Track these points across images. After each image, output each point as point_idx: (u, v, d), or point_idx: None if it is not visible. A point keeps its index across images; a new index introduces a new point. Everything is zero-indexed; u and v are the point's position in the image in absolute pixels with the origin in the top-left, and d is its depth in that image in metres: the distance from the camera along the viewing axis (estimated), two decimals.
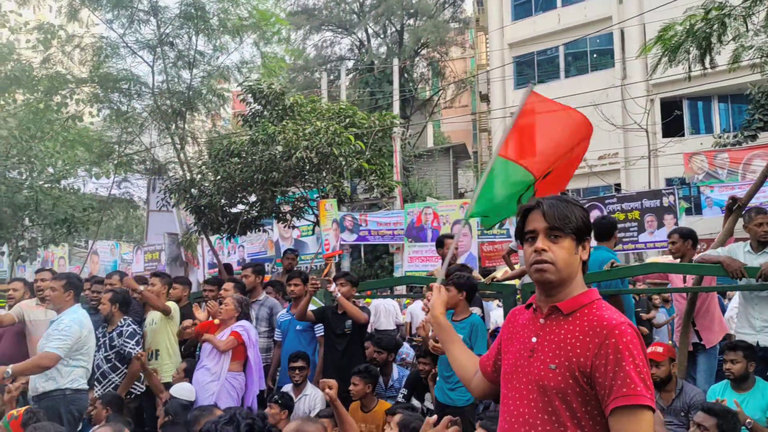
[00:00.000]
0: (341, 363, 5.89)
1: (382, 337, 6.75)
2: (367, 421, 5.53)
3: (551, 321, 2.11)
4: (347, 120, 7.94)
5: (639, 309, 8.18)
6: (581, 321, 2.04)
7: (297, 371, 5.86)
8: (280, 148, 7.06)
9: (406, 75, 24.33)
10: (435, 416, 2.31)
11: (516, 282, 6.63)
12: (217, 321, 5.78)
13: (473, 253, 15.52)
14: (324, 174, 7.69)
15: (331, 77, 24.93)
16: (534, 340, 2.13)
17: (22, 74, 10.10)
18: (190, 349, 6.57)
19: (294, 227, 9.96)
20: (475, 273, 7.45)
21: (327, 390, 3.46)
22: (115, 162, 11.74)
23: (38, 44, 11.06)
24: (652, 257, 6.12)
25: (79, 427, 5.17)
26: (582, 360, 1.96)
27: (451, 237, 8.16)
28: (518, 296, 6.32)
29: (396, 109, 21.98)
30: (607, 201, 14.26)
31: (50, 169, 11.52)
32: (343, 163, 7.33)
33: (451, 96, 26.90)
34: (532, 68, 23.24)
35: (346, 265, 21.00)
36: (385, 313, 9.93)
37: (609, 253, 5.75)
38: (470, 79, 26.41)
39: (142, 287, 6.49)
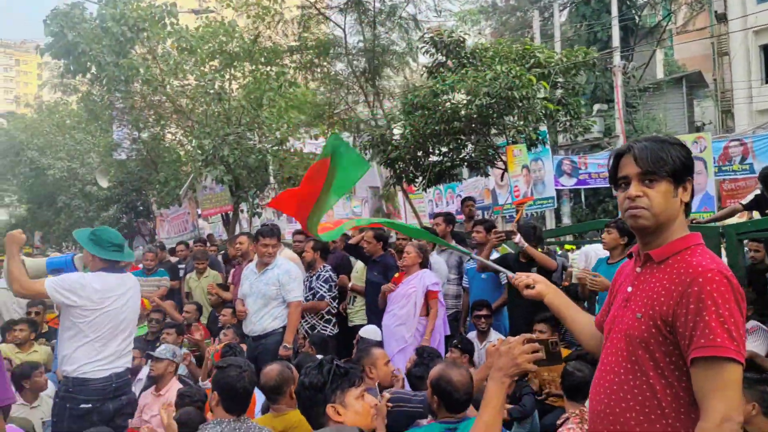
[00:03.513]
0: (527, 311, 5.83)
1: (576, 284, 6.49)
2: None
3: (646, 270, 2.04)
4: (532, 60, 7.62)
5: None
6: (671, 268, 1.94)
7: (483, 319, 5.94)
8: (459, 96, 7.02)
9: (628, 2, 22.35)
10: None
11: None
12: (397, 275, 6.06)
13: (710, 192, 14.06)
14: (508, 119, 7.51)
15: (545, 14, 23.80)
16: (629, 289, 2.07)
17: (241, 49, 11.25)
18: None
19: (487, 175, 9.90)
20: None
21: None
22: (326, 123, 12.64)
23: (256, 20, 12.24)
24: None
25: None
26: (665, 309, 1.88)
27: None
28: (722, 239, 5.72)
29: (616, 40, 20.36)
30: None
31: (277, 134, 12.71)
32: (526, 105, 7.08)
33: (683, 20, 24.19)
34: None
35: (566, 210, 20.34)
36: (595, 257, 9.53)
37: None
38: None
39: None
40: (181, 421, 3.84)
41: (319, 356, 5.54)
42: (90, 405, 4.05)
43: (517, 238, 5.86)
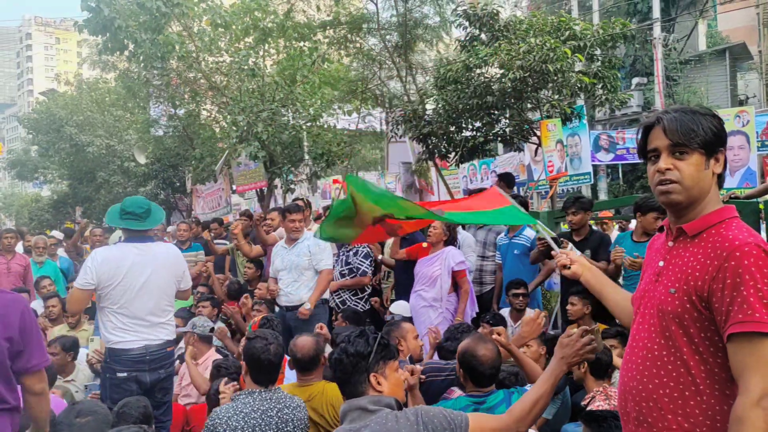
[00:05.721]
0: (565, 288, 5.79)
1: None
2: None
3: (678, 244, 1.99)
4: (567, 33, 7.47)
5: None
6: (706, 242, 1.89)
7: (520, 298, 5.89)
8: (492, 70, 6.94)
9: None
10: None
11: None
12: (425, 244, 6.06)
13: (752, 168, 13.70)
14: (543, 93, 7.41)
15: None
16: (661, 264, 2.03)
17: (274, 26, 11.25)
18: None
19: (521, 150, 9.79)
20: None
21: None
22: (360, 98, 12.61)
23: None
24: None
25: None
26: (699, 284, 1.84)
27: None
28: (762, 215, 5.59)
29: (656, 11, 19.83)
30: None
31: (310, 110, 12.73)
32: (560, 79, 6.97)
33: None
34: None
35: (603, 186, 20.04)
36: None
37: None
38: None
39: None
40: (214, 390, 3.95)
41: None
42: (126, 374, 4.13)
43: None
